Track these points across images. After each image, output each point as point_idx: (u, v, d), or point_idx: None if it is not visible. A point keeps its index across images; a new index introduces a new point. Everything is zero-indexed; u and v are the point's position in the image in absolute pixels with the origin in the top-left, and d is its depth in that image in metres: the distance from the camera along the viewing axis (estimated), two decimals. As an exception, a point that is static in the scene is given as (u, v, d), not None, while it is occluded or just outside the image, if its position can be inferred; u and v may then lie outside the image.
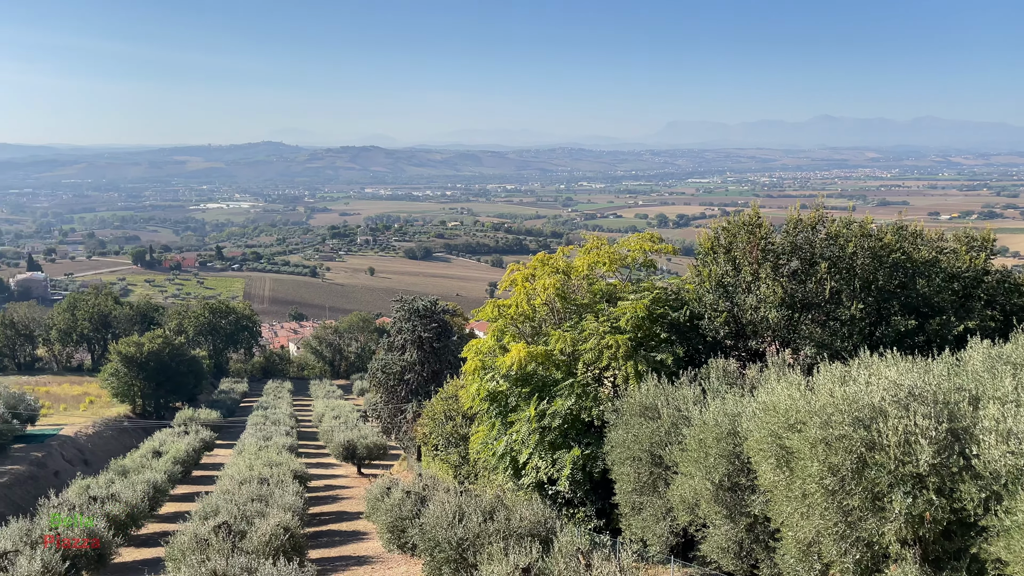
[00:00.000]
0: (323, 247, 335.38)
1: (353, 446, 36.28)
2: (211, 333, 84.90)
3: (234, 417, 57.12)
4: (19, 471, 33.46)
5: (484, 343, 20.84)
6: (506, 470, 19.33)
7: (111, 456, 35.32)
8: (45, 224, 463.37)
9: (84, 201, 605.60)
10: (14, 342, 78.11)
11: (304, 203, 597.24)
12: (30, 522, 18.13)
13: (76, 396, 58.03)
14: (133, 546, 22.16)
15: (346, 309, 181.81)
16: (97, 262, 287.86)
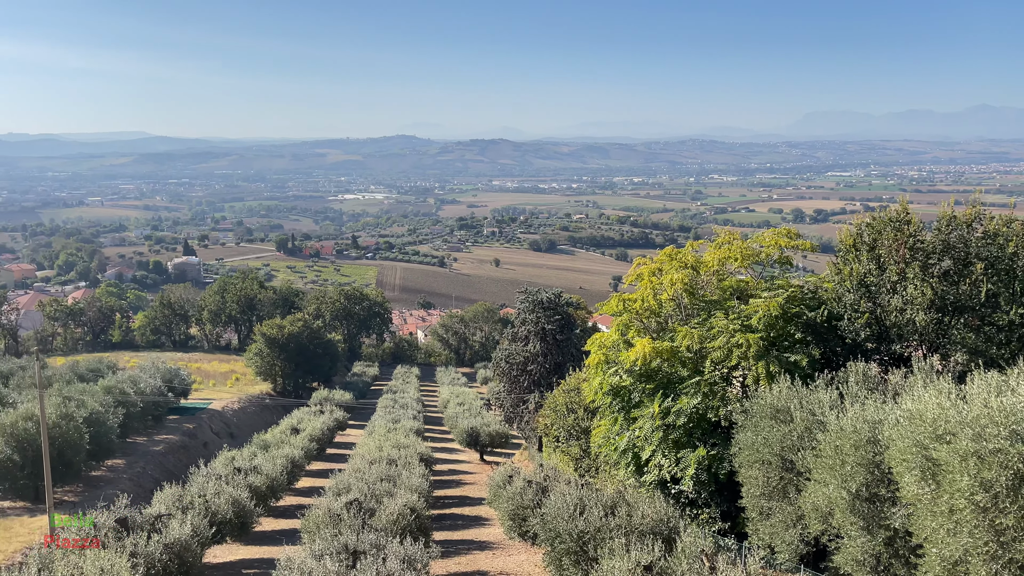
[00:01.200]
0: (451, 238, 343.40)
1: (476, 433, 37.00)
2: (346, 318, 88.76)
3: (365, 399, 59.61)
4: (173, 440, 36.28)
5: (608, 337, 20.70)
6: (628, 466, 19.15)
7: (254, 431, 37.71)
8: (199, 212, 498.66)
9: (234, 191, 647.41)
10: (170, 321, 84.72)
11: (434, 195, 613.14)
12: (182, 488, 19.62)
13: (224, 373, 62.30)
14: (272, 517, 23.56)
15: (471, 299, 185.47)
16: (244, 248, 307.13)
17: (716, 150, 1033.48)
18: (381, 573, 11.31)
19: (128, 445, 33.54)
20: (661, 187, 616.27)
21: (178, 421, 40.18)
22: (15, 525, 22.17)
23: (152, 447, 34.45)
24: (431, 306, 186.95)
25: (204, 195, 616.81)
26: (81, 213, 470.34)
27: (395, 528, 15.41)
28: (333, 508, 16.37)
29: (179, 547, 14.69)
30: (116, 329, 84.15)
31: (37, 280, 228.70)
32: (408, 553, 12.51)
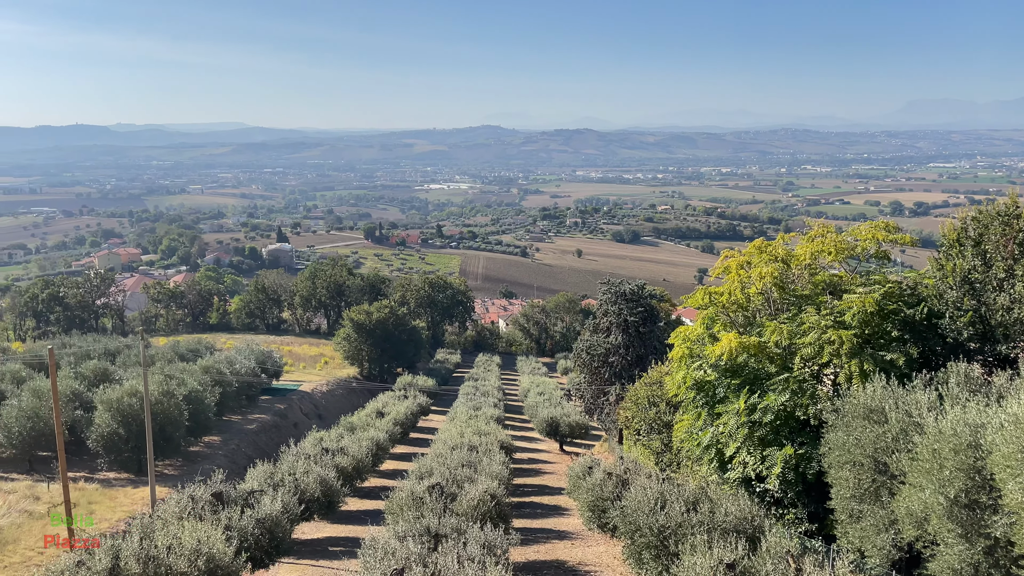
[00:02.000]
0: (533, 228, 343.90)
1: (556, 423, 37.06)
2: (430, 306, 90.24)
3: (447, 386, 60.54)
4: (265, 420, 37.76)
5: (692, 330, 20.34)
6: (711, 462, 18.80)
7: (341, 413, 38.86)
8: (292, 200, 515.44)
9: (325, 180, 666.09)
10: (264, 305, 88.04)
11: (517, 185, 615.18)
12: (273, 466, 20.40)
13: (313, 356, 64.38)
14: (358, 497, 24.25)
15: (553, 289, 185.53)
16: (334, 236, 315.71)
17: (810, 140, 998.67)
18: (462, 557, 11.48)
19: (224, 423, 35.09)
20: (750, 178, 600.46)
21: (270, 401, 41.75)
22: (119, 495, 23.54)
23: (246, 425, 35.95)
24: (513, 295, 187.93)
25: (297, 184, 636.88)
26: (183, 200, 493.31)
27: (475, 514, 15.62)
28: (416, 491, 16.72)
29: (270, 522, 15.30)
30: (214, 312, 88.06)
31: (142, 264, 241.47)
32: (488, 539, 12.66)
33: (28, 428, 26.25)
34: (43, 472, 25.85)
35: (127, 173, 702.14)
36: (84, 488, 23.90)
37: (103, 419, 26.19)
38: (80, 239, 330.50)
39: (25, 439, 26.36)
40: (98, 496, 23.26)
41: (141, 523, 13.98)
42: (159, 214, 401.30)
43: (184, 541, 12.42)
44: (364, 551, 12.12)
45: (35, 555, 17.50)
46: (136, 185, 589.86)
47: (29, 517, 19.96)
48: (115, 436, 26.01)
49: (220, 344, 58.63)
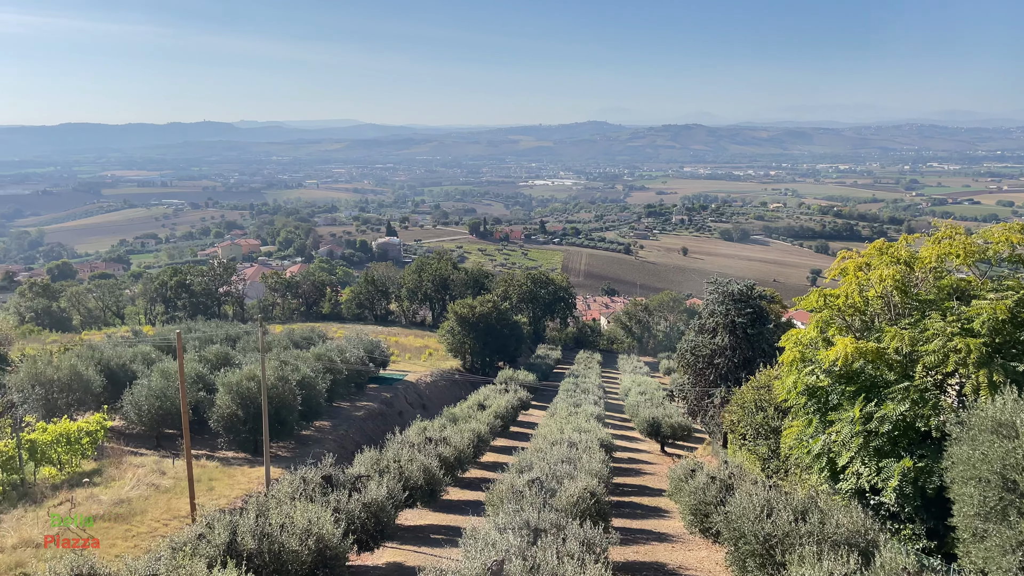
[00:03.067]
0: (638, 225, 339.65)
1: (658, 423, 36.53)
2: (531, 301, 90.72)
3: (547, 381, 60.69)
4: (372, 407, 38.94)
5: (805, 334, 19.57)
6: (821, 471, 18.06)
7: (444, 404, 39.64)
8: (401, 196, 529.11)
9: (432, 176, 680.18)
10: (373, 297, 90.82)
11: (622, 181, 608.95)
12: (379, 453, 21.02)
13: (418, 348, 65.92)
14: (459, 487, 24.68)
15: (656, 287, 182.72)
16: (440, 231, 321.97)
17: (937, 136, 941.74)
18: (561, 553, 11.50)
19: (333, 409, 36.43)
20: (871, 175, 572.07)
21: (377, 390, 43.03)
22: (237, 474, 24.83)
23: (354, 412, 37.20)
24: (615, 293, 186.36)
25: (406, 179, 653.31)
26: (299, 194, 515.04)
27: (575, 510, 15.61)
28: (516, 484, 16.86)
29: (376, 507, 15.79)
30: (326, 302, 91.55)
31: (261, 254, 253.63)
32: (587, 536, 12.63)
33: (156, 407, 28.08)
34: (169, 449, 27.60)
35: (249, 168, 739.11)
36: (205, 465, 25.36)
37: (223, 401, 27.70)
38: (205, 230, 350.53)
39: (153, 417, 28.21)
40: (218, 473, 24.64)
41: (257, 501, 14.71)
42: (277, 207, 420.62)
43: (296, 521, 12.99)
44: (465, 541, 12.33)
45: (160, 526, 18.71)
46: (257, 180, 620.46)
47: (156, 491, 21.36)
48: (234, 417, 27.44)
49: (331, 333, 60.84)
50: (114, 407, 29.17)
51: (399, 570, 16.22)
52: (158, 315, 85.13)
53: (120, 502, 19.78)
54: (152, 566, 10.65)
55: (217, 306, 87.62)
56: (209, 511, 15.49)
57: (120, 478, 22.19)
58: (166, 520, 19.05)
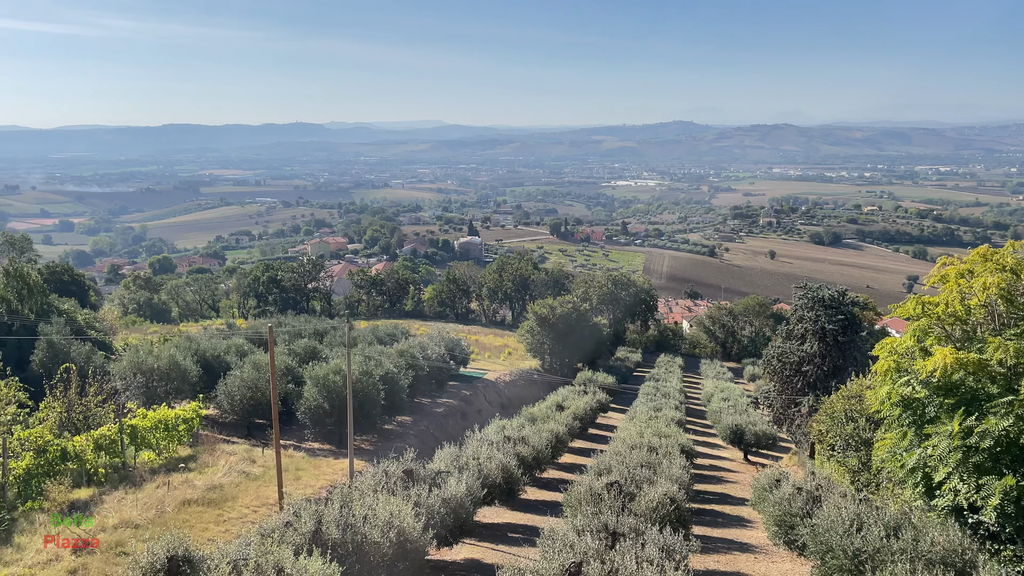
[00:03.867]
0: (723, 227, 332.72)
1: (741, 431, 35.68)
2: (611, 303, 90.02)
3: (627, 384, 60.10)
4: (452, 404, 39.44)
5: (901, 342, 18.73)
6: (916, 486, 17.25)
7: (522, 403, 39.75)
8: (483, 196, 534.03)
9: (515, 176, 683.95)
10: (454, 295, 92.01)
11: (708, 182, 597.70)
12: (458, 450, 21.25)
13: (498, 347, 66.37)
14: (536, 487, 24.73)
15: (741, 291, 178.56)
16: (521, 231, 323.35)
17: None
18: (640, 558, 11.37)
19: (415, 405, 37.06)
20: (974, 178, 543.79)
21: (457, 387, 43.55)
22: (323, 465, 25.56)
23: (435, 408, 37.76)
24: (698, 296, 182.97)
25: (488, 180, 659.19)
26: (385, 194, 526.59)
27: (654, 516, 15.40)
28: (594, 487, 16.76)
29: (455, 503, 15.97)
30: (409, 299, 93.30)
31: (348, 252, 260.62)
32: (667, 542, 12.44)
33: (248, 397, 29.18)
34: (258, 438, 28.64)
35: (338, 168, 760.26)
36: (292, 455, 26.21)
37: (311, 393, 28.56)
38: (296, 228, 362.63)
39: (245, 407, 29.33)
40: (304, 464, 25.43)
41: (341, 492, 15.09)
42: (364, 206, 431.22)
43: (378, 513, 13.27)
44: (543, 541, 12.33)
45: (250, 512, 19.44)
46: (345, 179, 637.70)
47: (246, 478, 22.20)
48: (320, 410, 28.27)
49: (414, 330, 61.97)
50: (209, 396, 30.48)
51: (477, 566, 16.37)
52: (250, 309, 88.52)
53: (213, 488, 20.65)
54: (242, 551, 11.06)
55: (306, 301, 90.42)
56: (296, 500, 16.00)
57: (213, 464, 23.16)
58: (255, 507, 19.77)
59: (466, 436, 23.63)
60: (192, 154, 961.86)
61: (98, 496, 19.12)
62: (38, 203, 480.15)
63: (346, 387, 24.62)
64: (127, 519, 17.39)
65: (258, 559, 10.67)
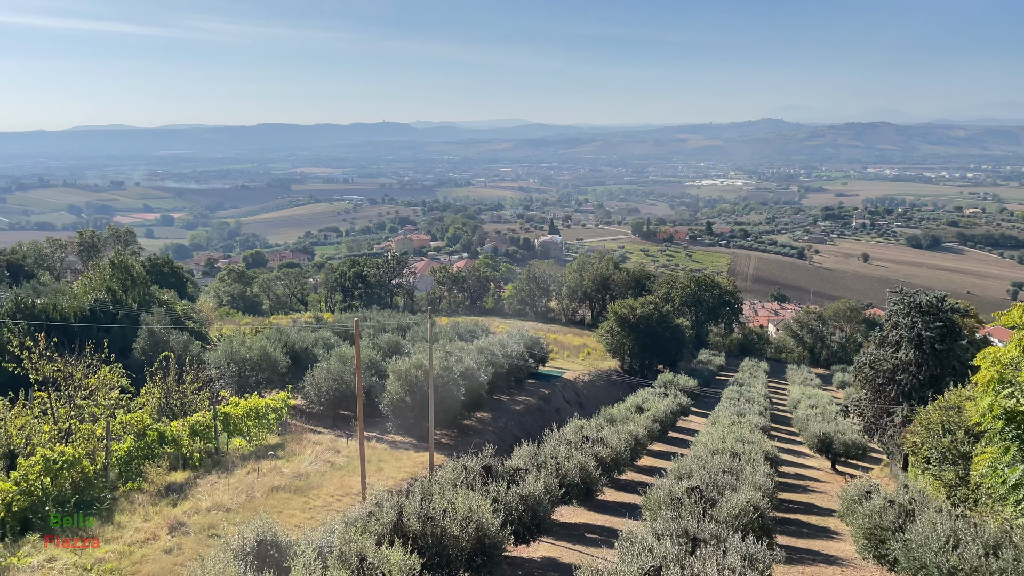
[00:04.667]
0: (813, 228, 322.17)
1: (829, 439, 34.48)
2: (694, 304, 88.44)
3: (709, 388, 58.96)
4: (530, 402, 39.54)
5: (1005, 352, 17.72)
6: (1018, 503, 16.31)
7: (601, 404, 39.52)
8: (565, 195, 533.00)
9: (597, 175, 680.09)
10: (534, 294, 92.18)
11: (798, 182, 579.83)
12: (537, 448, 21.27)
13: (576, 346, 66.14)
14: (614, 488, 24.54)
15: (831, 295, 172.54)
16: (602, 230, 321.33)
17: None
18: (721, 565, 11.14)
19: (493, 401, 37.33)
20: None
21: (535, 386, 43.65)
22: (403, 457, 26.05)
23: (513, 406, 37.94)
24: (785, 299, 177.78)
25: (570, 178, 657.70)
26: (467, 192, 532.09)
27: (736, 523, 15.05)
28: (674, 491, 16.50)
29: (533, 500, 16.01)
30: (489, 297, 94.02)
31: (430, 249, 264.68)
32: (750, 551, 12.14)
33: (333, 389, 30.02)
34: (343, 429, 29.43)
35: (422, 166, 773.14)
36: (375, 447, 26.81)
37: (393, 387, 29.15)
38: (381, 225, 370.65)
39: (331, 398, 30.19)
40: (386, 455, 25.97)
41: (421, 485, 15.35)
42: (447, 204, 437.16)
43: (457, 507, 13.43)
44: (621, 543, 12.23)
45: (334, 501, 19.98)
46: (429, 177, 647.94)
47: (331, 467, 22.84)
48: (402, 403, 28.83)
49: (493, 327, 62.40)
50: (297, 387, 31.50)
51: (553, 565, 16.37)
52: (336, 303, 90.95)
53: (299, 475, 21.33)
54: (327, 538, 11.39)
55: (389, 297, 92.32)
56: (378, 490, 16.37)
57: (300, 453, 23.92)
58: (339, 496, 20.32)
59: (544, 434, 23.65)
60: (284, 152, 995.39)
61: (192, 479, 20.01)
62: (141, 198, 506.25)
63: (427, 382, 25.02)
64: (219, 502, 18.14)
65: (342, 547, 10.96)
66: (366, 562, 10.69)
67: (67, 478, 16.91)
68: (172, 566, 14.38)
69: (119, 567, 14.08)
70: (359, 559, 10.72)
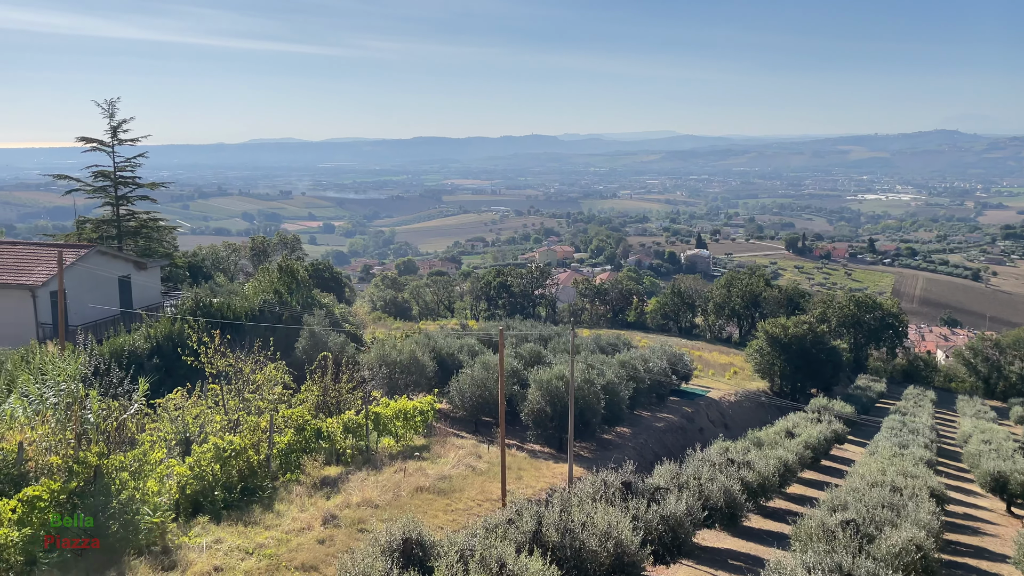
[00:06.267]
0: (991, 248, 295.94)
1: (1005, 478, 31.36)
2: (853, 326, 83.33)
3: (867, 416, 55.26)
4: (672, 420, 38.68)
5: None
6: None
7: (747, 426, 38.03)
8: (714, 208, 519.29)
9: (749, 188, 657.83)
10: (678, 309, 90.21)
11: (974, 198, 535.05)
12: (678, 467, 20.78)
13: (722, 364, 64.06)
14: (760, 515, 23.52)
15: (1011, 322, 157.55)
16: (753, 245, 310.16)
17: None
18: (879, 607, 10.41)
19: (634, 417, 36.83)
20: None
21: (678, 403, 42.65)
22: (542, 467, 26.21)
23: (654, 423, 37.27)
24: (956, 324, 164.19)
25: (720, 191, 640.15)
26: (612, 204, 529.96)
27: (896, 562, 14.03)
28: (827, 523, 15.62)
29: (674, 521, 15.65)
30: (632, 310, 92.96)
31: (573, 261, 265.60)
32: (912, 595, 11.28)
33: (476, 395, 30.69)
34: (484, 435, 30.00)
35: (568, 178, 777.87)
36: (515, 455, 27.14)
37: (534, 397, 29.41)
38: (526, 235, 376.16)
39: (474, 403, 30.87)
40: (525, 464, 26.23)
41: (560, 497, 15.38)
42: (591, 216, 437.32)
43: (596, 521, 13.35)
44: (768, 574, 11.70)
45: (475, 505, 20.40)
46: (575, 189, 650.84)
47: (472, 472, 23.33)
48: (543, 413, 29.02)
49: (635, 341, 61.59)
50: (442, 391, 32.44)
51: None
52: (481, 311, 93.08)
53: (443, 478, 21.94)
54: (469, 542, 11.64)
55: (532, 307, 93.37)
56: (517, 498, 16.54)
57: (443, 456, 24.61)
58: (479, 500, 20.71)
59: (687, 454, 23.07)
60: (437, 164, 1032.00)
61: (344, 475, 21.05)
62: (306, 207, 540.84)
63: (568, 393, 25.06)
64: (368, 498, 18.97)
65: (483, 552, 11.17)
66: (506, 569, 10.84)
67: (234, 466, 18.25)
68: (324, 556, 15.18)
69: (277, 553, 15.02)
70: (499, 565, 10.88)
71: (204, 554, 14.44)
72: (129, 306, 40.83)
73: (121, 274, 41.93)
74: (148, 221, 55.67)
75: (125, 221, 54.25)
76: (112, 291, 40.86)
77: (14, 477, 14.48)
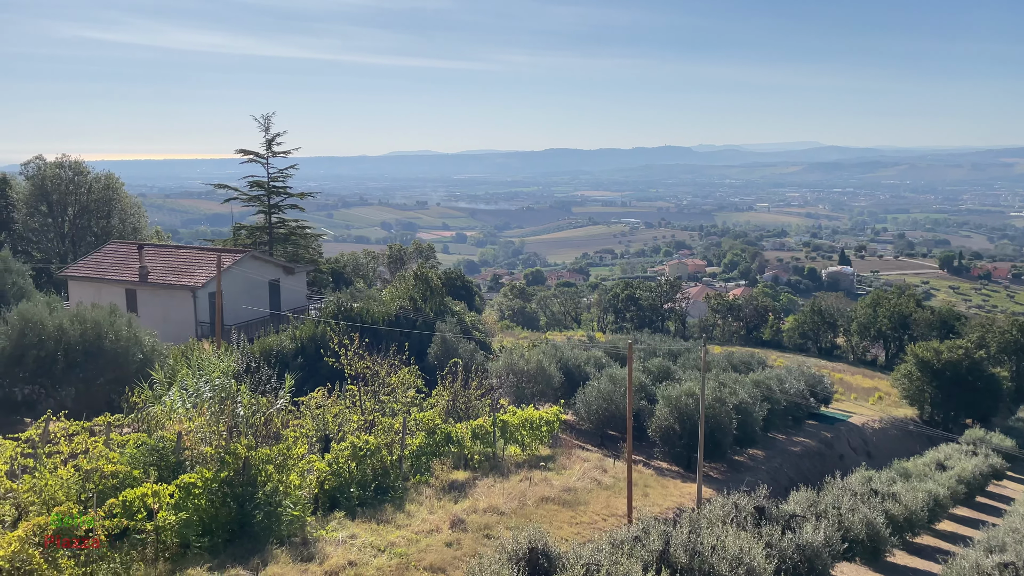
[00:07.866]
0: None
1: None
2: (1016, 353, 76.32)
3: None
4: (809, 445, 36.88)
5: None
6: None
7: (892, 455, 35.69)
8: (859, 222, 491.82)
9: (899, 202, 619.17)
10: (818, 328, 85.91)
11: None
12: (816, 495, 19.80)
13: (866, 389, 60.44)
14: (906, 552, 22.01)
15: None
16: (903, 263, 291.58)
17: None
18: (1045, 664, 9.48)
19: (767, 439, 35.38)
20: None
21: (816, 427, 40.64)
22: (670, 486, 25.66)
23: (789, 447, 35.68)
24: None
25: (866, 205, 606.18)
26: (748, 218, 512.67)
27: (1065, 616, 12.74)
28: (982, 564, 14.43)
29: (810, 551, 14.92)
30: (767, 328, 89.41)
31: (705, 275, 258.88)
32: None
33: (603, 408, 30.46)
34: (609, 448, 29.72)
35: (702, 190, 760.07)
36: (641, 472, 26.72)
37: (662, 413, 28.86)
38: (656, 248, 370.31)
39: (600, 416, 30.66)
40: (652, 481, 25.77)
41: (689, 518, 15.01)
42: (725, 229, 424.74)
43: (727, 546, 12.92)
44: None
45: (600, 520, 20.24)
46: (708, 202, 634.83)
47: (597, 485, 23.17)
48: (671, 430, 28.43)
49: (770, 360, 59.19)
50: (568, 403, 32.44)
51: (830, 626, 15.08)
52: (608, 324, 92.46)
53: (568, 490, 21.92)
54: (594, 556, 11.57)
55: (660, 321, 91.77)
56: (644, 516, 16.28)
57: (569, 468, 24.58)
58: (605, 515, 20.54)
59: (825, 481, 21.98)
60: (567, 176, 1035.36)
61: (472, 480, 21.44)
62: (440, 217, 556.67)
63: (698, 411, 24.42)
64: (494, 505, 19.23)
65: (608, 568, 11.07)
66: (632, 587, 10.69)
67: (369, 465, 19.00)
68: (451, 559, 15.51)
69: (407, 552, 15.49)
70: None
71: (340, 548, 15.10)
72: (278, 308, 43.52)
73: (271, 278, 44.77)
74: (297, 228, 59.18)
75: (276, 228, 57.89)
76: (263, 293, 43.68)
77: (172, 464, 15.74)
